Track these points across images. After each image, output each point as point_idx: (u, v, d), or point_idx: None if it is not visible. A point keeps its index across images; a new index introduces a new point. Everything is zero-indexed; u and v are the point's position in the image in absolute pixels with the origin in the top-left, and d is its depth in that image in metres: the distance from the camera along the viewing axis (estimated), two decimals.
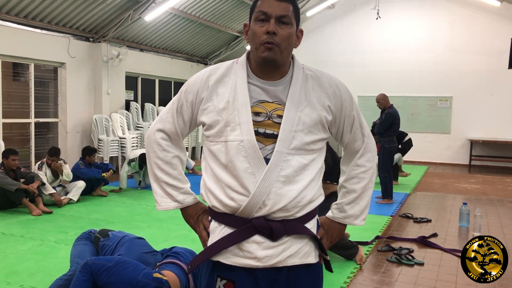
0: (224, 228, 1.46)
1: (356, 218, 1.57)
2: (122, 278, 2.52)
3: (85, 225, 5.15)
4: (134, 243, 3.04)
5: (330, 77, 1.53)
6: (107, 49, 8.84)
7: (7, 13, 7.06)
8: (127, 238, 3.10)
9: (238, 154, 1.41)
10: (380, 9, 10.88)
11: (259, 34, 1.42)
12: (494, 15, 10.83)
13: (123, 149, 8.80)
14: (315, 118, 1.46)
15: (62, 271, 3.67)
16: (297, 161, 1.43)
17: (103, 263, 2.61)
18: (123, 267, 2.58)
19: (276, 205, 1.41)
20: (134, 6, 8.46)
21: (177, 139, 1.58)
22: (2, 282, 3.47)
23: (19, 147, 7.28)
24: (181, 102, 1.54)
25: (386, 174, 6.47)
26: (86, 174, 6.63)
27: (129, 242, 3.04)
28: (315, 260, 1.50)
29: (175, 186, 1.55)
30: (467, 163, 11.09)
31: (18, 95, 7.86)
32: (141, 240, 3.13)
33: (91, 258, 2.69)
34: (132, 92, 10.10)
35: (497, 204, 6.64)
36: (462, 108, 11.21)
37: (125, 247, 2.99)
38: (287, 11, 1.42)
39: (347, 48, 12.11)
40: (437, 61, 11.33)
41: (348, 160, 1.60)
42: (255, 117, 1.43)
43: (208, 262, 1.49)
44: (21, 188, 5.65)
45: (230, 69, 1.50)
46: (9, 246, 4.35)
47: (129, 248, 2.96)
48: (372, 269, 3.91)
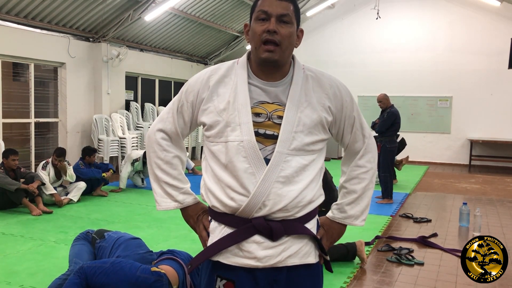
0: (224, 228, 1.46)
1: (356, 218, 1.57)
2: (120, 277, 2.53)
3: (85, 225, 5.15)
4: (130, 243, 3.05)
5: (331, 78, 1.53)
6: (107, 49, 8.84)
7: (7, 13, 7.06)
8: (123, 239, 3.10)
9: (238, 155, 1.42)
10: (380, 9, 10.88)
11: (259, 33, 1.42)
12: (494, 15, 10.83)
13: (123, 149, 8.80)
14: (315, 119, 1.46)
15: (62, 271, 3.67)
16: (297, 161, 1.43)
17: (99, 265, 2.62)
18: (119, 266, 2.59)
19: (276, 206, 1.41)
20: (134, 6, 8.46)
21: (177, 139, 1.58)
22: (2, 282, 3.47)
23: (19, 147, 7.28)
24: (181, 102, 1.54)
25: (387, 173, 6.47)
26: (86, 174, 6.63)
27: (125, 243, 3.04)
28: (315, 260, 1.50)
29: (175, 186, 1.55)
30: (467, 163, 11.09)
31: (18, 95, 7.86)
32: (136, 241, 3.14)
33: (87, 263, 2.69)
34: (132, 92, 10.11)
35: (497, 204, 6.64)
36: (462, 108, 11.21)
37: (121, 248, 3.00)
38: (287, 10, 1.42)
39: (347, 48, 12.11)
40: (437, 61, 11.33)
41: (348, 161, 1.61)
42: (255, 118, 1.43)
43: (208, 262, 1.49)
44: (21, 188, 5.65)
45: (230, 70, 1.50)
46: (9, 246, 4.35)
47: (125, 249, 2.97)
48: (372, 269, 3.91)
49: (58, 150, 6.32)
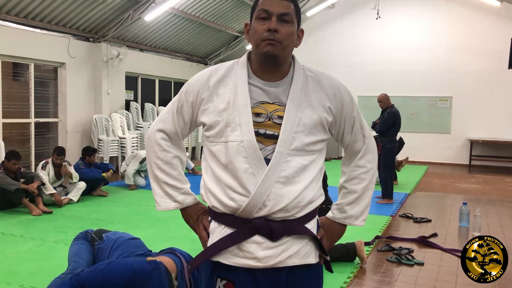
0: (224, 228, 1.46)
1: (356, 218, 1.57)
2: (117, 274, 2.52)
3: (85, 225, 5.15)
4: (128, 244, 3.03)
5: (331, 79, 1.53)
6: (107, 49, 8.84)
7: (7, 13, 7.06)
8: (121, 240, 3.08)
9: (238, 155, 1.41)
10: (380, 9, 10.87)
11: (260, 32, 1.42)
12: (494, 15, 10.83)
13: (123, 149, 8.79)
14: (315, 119, 1.46)
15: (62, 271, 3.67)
16: (298, 162, 1.43)
17: (94, 268, 2.63)
18: (114, 264, 2.60)
19: (276, 206, 1.41)
20: (134, 6, 8.46)
21: (177, 140, 1.58)
22: (2, 282, 3.47)
23: (19, 147, 7.28)
24: (181, 102, 1.54)
25: (387, 174, 6.47)
26: (86, 174, 6.63)
27: (124, 244, 3.02)
28: (315, 261, 1.50)
29: (175, 187, 1.55)
30: (467, 163, 11.09)
31: (18, 95, 7.86)
32: (135, 241, 3.12)
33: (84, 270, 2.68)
34: (132, 92, 10.11)
35: (497, 204, 6.64)
36: (462, 108, 11.21)
37: (120, 249, 2.98)
38: (288, 9, 1.42)
39: (347, 48, 12.12)
40: (437, 61, 11.33)
41: (348, 161, 1.60)
42: (255, 118, 1.43)
43: (208, 263, 1.49)
44: (20, 188, 5.65)
45: (230, 70, 1.50)
46: (9, 246, 4.35)
47: (124, 250, 2.96)
48: (372, 269, 3.91)
49: (58, 149, 6.33)
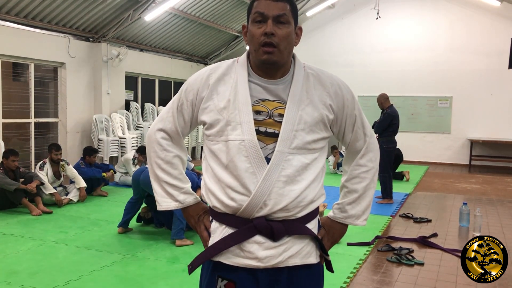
0: (225, 228, 1.45)
1: (357, 218, 1.56)
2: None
3: (85, 225, 5.15)
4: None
5: (332, 76, 1.53)
6: (107, 49, 8.83)
7: (7, 13, 7.06)
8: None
9: (239, 154, 1.41)
10: (380, 9, 10.87)
11: (257, 36, 1.41)
12: (494, 15, 10.83)
13: (123, 149, 8.79)
14: (316, 117, 1.45)
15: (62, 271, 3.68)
16: (299, 160, 1.42)
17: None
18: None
19: (277, 205, 1.40)
20: (134, 6, 8.45)
21: (177, 139, 1.57)
22: (2, 282, 3.47)
23: (19, 147, 7.28)
24: (181, 101, 1.53)
25: (386, 174, 6.46)
26: (86, 173, 6.65)
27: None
28: (316, 261, 1.49)
29: (176, 186, 1.55)
30: (467, 163, 11.09)
31: (18, 95, 7.86)
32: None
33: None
34: (132, 92, 10.10)
35: (497, 204, 6.64)
36: (462, 108, 11.21)
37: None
38: (284, 10, 1.41)
39: (347, 48, 12.11)
40: (437, 61, 11.32)
41: (350, 160, 1.60)
42: (256, 116, 1.42)
43: (209, 263, 1.49)
44: (20, 188, 5.65)
45: (230, 68, 1.49)
46: (9, 246, 4.35)
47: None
48: (372, 269, 3.91)
49: (55, 145, 6.37)
